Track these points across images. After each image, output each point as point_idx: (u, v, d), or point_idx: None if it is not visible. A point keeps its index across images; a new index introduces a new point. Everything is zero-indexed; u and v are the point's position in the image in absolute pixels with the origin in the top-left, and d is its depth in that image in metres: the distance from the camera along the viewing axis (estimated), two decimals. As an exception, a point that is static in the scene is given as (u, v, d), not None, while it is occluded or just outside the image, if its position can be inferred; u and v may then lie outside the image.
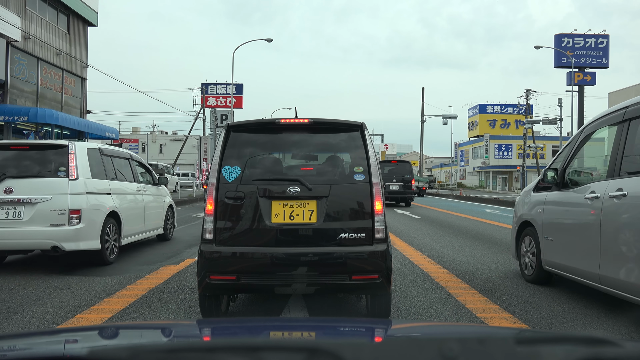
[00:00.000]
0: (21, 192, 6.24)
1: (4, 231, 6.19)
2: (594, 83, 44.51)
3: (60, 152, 6.58)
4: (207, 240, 3.88)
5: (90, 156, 6.89)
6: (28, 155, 6.64)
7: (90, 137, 23.31)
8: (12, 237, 6.23)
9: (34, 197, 6.24)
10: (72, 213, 6.32)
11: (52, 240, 6.25)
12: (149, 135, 63.44)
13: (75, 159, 6.50)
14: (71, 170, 6.41)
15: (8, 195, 6.21)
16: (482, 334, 1.64)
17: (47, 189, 6.30)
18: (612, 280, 4.27)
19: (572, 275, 5.03)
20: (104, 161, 7.30)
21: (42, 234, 6.23)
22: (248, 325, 1.74)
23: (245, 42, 30.63)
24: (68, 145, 6.62)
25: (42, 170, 6.52)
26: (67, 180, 6.37)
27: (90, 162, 6.84)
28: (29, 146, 6.87)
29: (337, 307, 4.78)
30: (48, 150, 6.73)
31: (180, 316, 4.54)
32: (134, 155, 8.72)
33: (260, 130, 4.29)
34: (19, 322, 4.33)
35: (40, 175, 6.46)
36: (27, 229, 6.20)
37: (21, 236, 6.23)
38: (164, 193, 9.49)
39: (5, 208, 6.23)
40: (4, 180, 6.27)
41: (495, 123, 64.76)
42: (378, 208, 3.89)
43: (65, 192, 6.32)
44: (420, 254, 7.99)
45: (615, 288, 4.25)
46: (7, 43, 18.78)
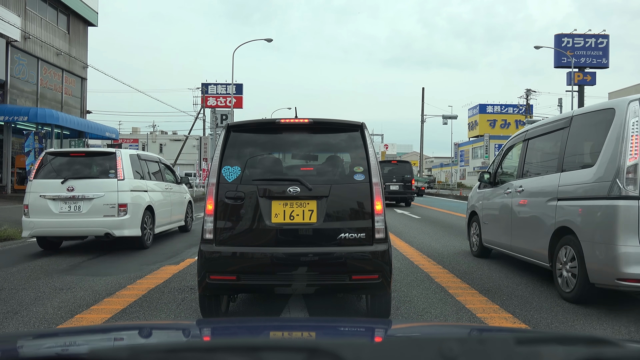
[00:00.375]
0: (80, 190, 7.77)
1: (68, 221, 7.75)
2: (594, 83, 44.51)
3: (109, 157, 8.11)
4: (207, 240, 3.88)
5: (132, 161, 8.39)
6: (84, 161, 8.21)
7: (90, 137, 23.31)
8: (74, 226, 7.80)
9: (90, 194, 7.77)
10: (120, 207, 7.83)
11: (105, 228, 7.78)
12: (149, 135, 63.46)
13: (121, 163, 8.03)
14: (119, 173, 7.94)
15: (70, 192, 7.76)
16: (482, 334, 1.63)
17: (101, 188, 7.84)
18: (516, 248, 6.34)
19: (499, 248, 6.99)
20: (141, 164, 8.82)
21: (97, 223, 7.78)
22: (248, 325, 1.74)
23: (245, 42, 30.65)
24: (116, 152, 8.17)
25: (96, 172, 8.05)
26: (116, 180, 7.89)
27: (132, 165, 8.33)
28: (85, 153, 8.49)
29: (337, 307, 4.78)
30: (100, 156, 8.26)
31: (180, 316, 4.53)
32: (161, 159, 10.25)
33: (260, 130, 4.29)
34: (19, 322, 4.34)
35: (94, 176, 7.98)
36: (85, 220, 7.77)
37: (81, 225, 7.80)
38: (184, 190, 11.04)
39: (68, 203, 7.79)
40: (66, 181, 7.77)
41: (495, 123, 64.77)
42: (378, 208, 3.88)
43: (114, 190, 7.84)
44: (420, 254, 7.99)
45: (519, 253, 6.33)
46: (7, 43, 18.79)
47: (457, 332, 1.82)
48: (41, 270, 6.65)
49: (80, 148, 9.96)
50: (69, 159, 8.17)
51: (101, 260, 7.52)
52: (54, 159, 8.14)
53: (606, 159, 4.67)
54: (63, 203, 7.77)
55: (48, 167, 8.02)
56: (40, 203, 7.77)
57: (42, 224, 7.77)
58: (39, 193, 7.81)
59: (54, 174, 7.92)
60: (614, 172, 4.54)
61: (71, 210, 7.76)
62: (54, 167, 8.02)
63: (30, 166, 18.20)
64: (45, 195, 7.76)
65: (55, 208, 7.76)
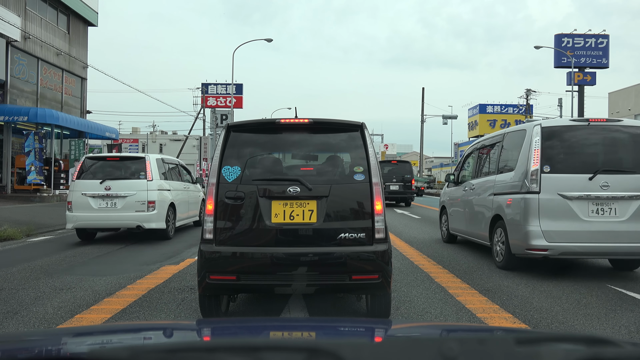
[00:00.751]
0: (116, 189, 9.14)
1: (105, 215, 9.15)
2: (594, 83, 44.50)
3: (139, 161, 9.49)
4: (207, 240, 3.88)
5: (157, 164, 9.78)
6: (118, 164, 9.59)
7: (90, 137, 23.30)
8: (110, 220, 9.22)
9: (124, 192, 9.13)
10: (149, 203, 9.18)
11: (137, 222, 9.16)
12: (149, 135, 63.44)
13: (150, 166, 9.38)
14: (148, 174, 9.30)
15: (107, 191, 9.11)
16: (482, 334, 1.64)
17: (133, 187, 9.18)
18: (470, 232, 8.17)
19: (460, 234, 8.75)
20: (165, 167, 10.20)
21: (130, 217, 9.15)
22: (248, 325, 1.74)
23: (245, 42, 30.64)
24: (145, 157, 9.56)
25: (129, 174, 9.35)
26: (145, 181, 9.25)
27: (158, 168, 9.72)
28: (119, 158, 10.02)
29: (337, 307, 4.78)
30: (131, 160, 9.66)
31: (180, 316, 4.53)
32: (180, 162, 11.77)
33: (260, 130, 4.28)
34: (19, 322, 4.34)
35: (127, 177, 9.29)
36: (120, 214, 9.14)
37: (116, 219, 9.20)
38: (199, 189, 12.27)
39: (105, 200, 9.15)
40: (104, 181, 9.13)
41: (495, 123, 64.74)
42: (378, 208, 3.88)
43: (144, 189, 9.20)
44: (420, 254, 7.99)
45: (472, 236, 8.15)
46: (7, 43, 18.78)
47: (457, 332, 1.82)
48: (41, 270, 6.65)
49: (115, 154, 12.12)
50: (105, 163, 9.63)
51: (103, 259, 7.52)
52: (93, 163, 9.60)
53: (520, 165, 6.44)
54: (101, 200, 9.13)
55: (88, 169, 9.44)
56: (81, 200, 9.11)
57: (84, 218, 9.18)
58: (81, 191, 9.18)
59: (92, 175, 9.31)
60: (524, 175, 6.29)
61: (108, 206, 9.13)
62: (92, 169, 9.44)
63: (30, 166, 18.21)
64: (86, 193, 9.15)
65: (95, 204, 9.13)
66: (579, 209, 6.01)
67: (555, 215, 6.03)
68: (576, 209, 6.01)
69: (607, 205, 6.02)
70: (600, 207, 6.02)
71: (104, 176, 9.22)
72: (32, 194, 18.18)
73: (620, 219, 5.99)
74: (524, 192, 6.21)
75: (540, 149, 6.15)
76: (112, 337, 1.54)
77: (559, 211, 6.04)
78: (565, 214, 6.02)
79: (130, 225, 9.29)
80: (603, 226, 5.98)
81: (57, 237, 10.45)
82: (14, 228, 10.14)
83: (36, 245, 9.25)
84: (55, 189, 19.12)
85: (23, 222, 11.29)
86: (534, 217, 6.06)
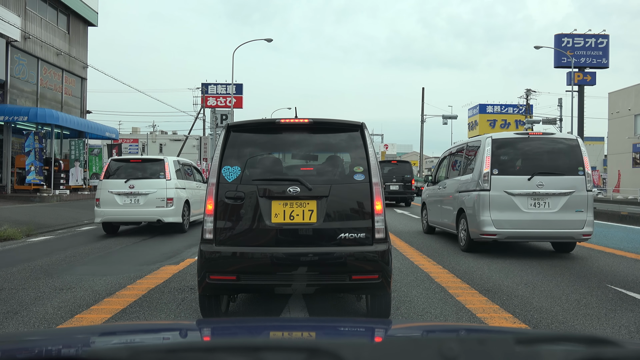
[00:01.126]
0: (139, 187, 10.34)
1: (129, 210, 10.31)
2: (594, 83, 44.49)
3: (159, 163, 10.69)
4: (207, 240, 3.88)
5: (174, 165, 10.98)
6: (140, 166, 10.74)
7: (90, 137, 23.28)
8: (133, 214, 10.40)
9: (145, 190, 10.32)
10: (168, 200, 10.36)
11: (157, 216, 10.34)
12: (149, 135, 63.42)
13: (168, 167, 10.57)
14: (166, 174, 10.48)
15: (131, 189, 10.33)
16: (482, 334, 1.63)
17: (153, 186, 10.37)
18: (443, 223, 9.78)
19: (437, 225, 10.35)
20: (180, 168, 11.33)
21: (151, 212, 10.34)
22: (248, 325, 1.74)
23: (245, 42, 30.63)
24: (164, 159, 10.80)
25: (150, 174, 10.51)
26: (164, 180, 10.43)
27: (175, 169, 10.88)
28: (141, 160, 11.12)
29: (337, 307, 4.78)
30: (152, 162, 10.80)
31: (180, 316, 4.53)
32: (192, 163, 13.17)
33: (260, 130, 4.28)
34: (19, 322, 4.33)
35: (149, 177, 10.47)
36: (142, 209, 10.34)
37: (139, 214, 10.39)
38: None
39: (130, 197, 10.34)
40: (128, 181, 10.32)
41: (495, 123, 64.71)
42: (378, 208, 3.88)
43: (164, 188, 10.39)
44: (420, 254, 7.99)
45: (444, 226, 9.78)
46: (7, 43, 18.78)
47: (457, 332, 1.82)
48: (41, 270, 6.65)
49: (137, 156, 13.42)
50: (129, 164, 10.76)
51: (103, 259, 7.52)
52: (118, 164, 10.75)
53: (477, 169, 8.07)
54: (126, 197, 10.29)
55: (113, 170, 10.57)
56: (108, 197, 10.28)
57: (110, 213, 10.33)
58: (108, 190, 10.33)
59: (118, 175, 10.45)
60: (479, 176, 7.90)
61: (132, 202, 10.30)
62: (118, 170, 10.56)
63: (30, 166, 18.20)
64: (112, 191, 10.29)
65: (120, 201, 10.28)
66: (520, 202, 7.67)
67: (502, 208, 7.67)
68: (518, 203, 7.67)
69: (542, 200, 7.68)
70: (537, 202, 7.69)
71: (128, 176, 10.39)
72: (32, 194, 18.17)
73: (552, 210, 7.64)
74: (479, 190, 7.88)
75: (490, 156, 7.83)
76: (112, 337, 1.53)
77: (505, 204, 7.67)
78: (509, 206, 7.67)
79: (151, 219, 10.40)
80: (539, 216, 7.62)
81: (57, 237, 10.45)
82: (14, 228, 10.14)
83: (36, 245, 9.25)
84: (55, 189, 19.11)
85: (23, 222, 11.28)
86: (486, 209, 7.72)
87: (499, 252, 8.38)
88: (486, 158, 7.84)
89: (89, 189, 22.19)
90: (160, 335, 1.68)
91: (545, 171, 7.71)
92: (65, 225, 12.40)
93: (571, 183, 7.70)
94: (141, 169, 10.62)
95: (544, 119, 42.79)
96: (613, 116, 39.46)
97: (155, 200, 10.28)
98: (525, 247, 9.08)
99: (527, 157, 7.94)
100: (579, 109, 43.37)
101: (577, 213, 7.65)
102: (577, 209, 7.66)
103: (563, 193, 7.65)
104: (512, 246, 9.06)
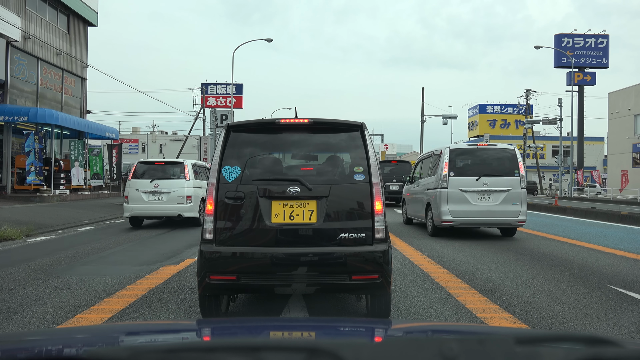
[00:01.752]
0: (162, 186, 11.82)
1: (154, 206, 11.80)
2: (594, 83, 44.51)
3: (180, 165, 12.21)
4: (207, 240, 3.88)
5: (192, 167, 12.35)
6: (163, 167, 12.25)
7: (90, 137, 23.29)
8: (157, 210, 11.91)
9: (168, 189, 11.79)
10: (187, 197, 11.76)
11: (178, 212, 11.80)
12: (149, 135, 63.39)
13: (187, 169, 12.04)
14: (186, 175, 11.98)
15: (155, 188, 11.71)
16: (482, 334, 1.63)
17: (174, 185, 11.82)
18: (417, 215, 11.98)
19: (414, 217, 12.38)
20: (196, 170, 12.68)
21: (173, 208, 11.80)
22: (248, 325, 1.74)
23: (245, 42, 30.63)
24: (183, 162, 12.31)
25: (171, 175, 12.04)
26: (184, 180, 11.93)
27: (193, 170, 12.23)
28: (164, 162, 12.59)
29: (337, 307, 4.78)
30: (173, 165, 12.35)
31: (180, 316, 4.53)
32: (206, 165, 14.33)
33: (260, 130, 4.28)
34: (19, 322, 4.33)
35: (170, 177, 11.98)
36: (165, 206, 11.75)
37: (162, 209, 11.87)
38: None
39: (154, 194, 11.73)
40: (153, 180, 11.77)
41: (495, 123, 64.70)
42: (378, 208, 3.88)
43: (184, 187, 11.85)
44: (420, 254, 7.99)
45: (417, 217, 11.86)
46: (7, 43, 18.78)
47: (457, 332, 1.82)
48: (41, 270, 6.65)
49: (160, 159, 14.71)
50: (153, 166, 12.26)
51: (102, 259, 7.52)
52: (144, 166, 12.23)
53: (439, 171, 10.26)
54: (151, 194, 11.74)
55: (140, 171, 12.03)
56: (136, 194, 11.71)
57: (137, 208, 11.79)
58: (135, 188, 11.75)
59: (144, 175, 11.92)
60: (440, 177, 10.11)
61: (156, 199, 11.75)
62: (143, 171, 12.04)
63: (30, 166, 18.20)
64: (139, 189, 11.73)
65: (146, 198, 11.73)
66: (470, 197, 9.92)
67: (457, 202, 9.90)
68: (469, 198, 9.92)
69: (487, 195, 9.93)
70: (483, 197, 9.94)
71: (152, 176, 11.86)
72: (32, 194, 18.17)
73: (495, 203, 9.89)
74: (440, 188, 10.11)
75: (448, 162, 10.11)
76: (112, 337, 1.53)
77: (459, 199, 9.90)
78: (462, 200, 9.91)
79: (173, 214, 11.85)
80: (484, 208, 9.89)
81: (57, 237, 10.46)
82: (14, 228, 10.14)
83: (36, 245, 9.25)
84: (55, 189, 19.11)
85: (23, 222, 11.29)
86: (445, 202, 9.95)
87: (499, 251, 8.39)
88: (445, 163, 10.11)
89: (89, 189, 22.19)
90: (160, 335, 1.68)
91: (489, 173, 9.99)
92: (65, 225, 12.41)
93: (509, 182, 9.91)
94: (164, 170, 12.11)
95: (544, 119, 42.79)
96: (613, 116, 39.47)
97: (177, 198, 11.76)
98: (525, 247, 9.09)
99: (475, 163, 10.27)
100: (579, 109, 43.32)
101: (514, 205, 9.84)
102: (513, 202, 9.83)
103: (503, 190, 9.89)
104: (512, 246, 9.07)
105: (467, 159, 10.42)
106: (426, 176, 11.39)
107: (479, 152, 10.36)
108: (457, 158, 10.28)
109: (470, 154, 10.50)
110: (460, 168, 10.14)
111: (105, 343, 1.45)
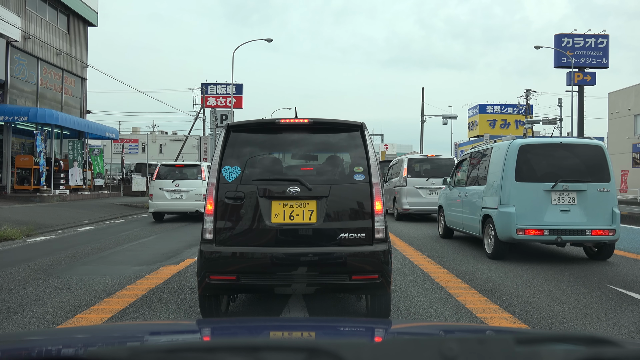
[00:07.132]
0: (182, 186, 13.60)
1: (175, 203, 13.60)
2: (594, 83, 44.48)
3: (197, 167, 14.07)
4: (207, 240, 3.88)
5: (208, 169, 12.86)
6: (183, 169, 14.05)
7: (90, 137, 23.28)
8: (178, 207, 13.69)
9: (187, 188, 13.59)
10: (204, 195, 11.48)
11: (196, 208, 13.42)
12: (149, 135, 63.34)
13: (203, 170, 13.78)
14: (202, 176, 13.68)
15: (176, 187, 13.56)
16: (482, 334, 1.63)
17: (193, 184, 13.64)
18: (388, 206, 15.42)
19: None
20: None
21: (191, 205, 13.55)
22: (248, 325, 1.74)
23: (245, 42, 30.62)
24: (200, 164, 14.27)
25: (190, 175, 13.82)
26: (201, 180, 13.59)
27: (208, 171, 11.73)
28: (183, 165, 14.36)
29: (337, 307, 4.78)
30: (191, 167, 14.13)
31: (180, 316, 4.53)
32: None
33: (260, 130, 4.28)
34: (19, 322, 4.33)
35: (189, 178, 13.75)
36: (185, 203, 13.62)
37: (182, 206, 13.66)
38: None
39: (175, 193, 13.56)
40: (175, 181, 13.61)
41: (495, 123, 64.67)
42: (378, 208, 3.88)
43: (201, 186, 13.43)
44: (420, 254, 7.99)
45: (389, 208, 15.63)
46: (7, 43, 18.78)
47: (457, 332, 1.82)
48: (41, 270, 6.65)
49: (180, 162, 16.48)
50: (174, 168, 14.19)
51: (103, 259, 7.52)
52: (166, 168, 14.14)
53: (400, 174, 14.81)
54: (172, 193, 13.53)
55: (163, 173, 13.87)
56: (159, 193, 13.56)
57: (160, 205, 13.66)
58: (159, 187, 13.55)
59: (166, 176, 13.74)
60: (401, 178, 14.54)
61: (177, 197, 13.55)
62: (166, 172, 13.90)
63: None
64: (162, 188, 13.56)
65: (168, 196, 13.54)
66: (422, 193, 13.98)
67: (413, 196, 14.01)
68: (421, 193, 13.99)
69: (432, 192, 13.76)
70: (430, 192, 13.91)
71: (173, 177, 13.68)
72: (32, 194, 18.17)
73: (436, 197, 12.46)
74: (401, 186, 14.25)
75: (407, 167, 14.39)
76: (112, 337, 1.53)
77: (414, 194, 14.02)
78: (416, 195, 14.00)
79: (191, 210, 13.59)
80: (431, 200, 13.38)
81: (57, 237, 10.46)
82: (14, 228, 10.14)
83: (36, 245, 9.25)
84: (55, 189, 19.11)
85: (23, 222, 11.29)
86: (404, 196, 14.11)
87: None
88: (404, 168, 14.44)
89: (89, 189, 22.18)
90: (160, 335, 1.68)
91: (435, 175, 13.95)
92: (65, 225, 12.41)
93: None
94: (183, 171, 13.95)
95: (544, 119, 42.80)
96: (613, 116, 39.47)
97: (195, 196, 13.47)
98: (525, 247, 9.08)
99: (425, 168, 14.57)
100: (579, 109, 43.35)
101: None
102: None
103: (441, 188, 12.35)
104: (512, 246, 9.05)
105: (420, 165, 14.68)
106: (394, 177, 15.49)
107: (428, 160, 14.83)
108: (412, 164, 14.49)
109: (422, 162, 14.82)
110: (415, 171, 14.37)
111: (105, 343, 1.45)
